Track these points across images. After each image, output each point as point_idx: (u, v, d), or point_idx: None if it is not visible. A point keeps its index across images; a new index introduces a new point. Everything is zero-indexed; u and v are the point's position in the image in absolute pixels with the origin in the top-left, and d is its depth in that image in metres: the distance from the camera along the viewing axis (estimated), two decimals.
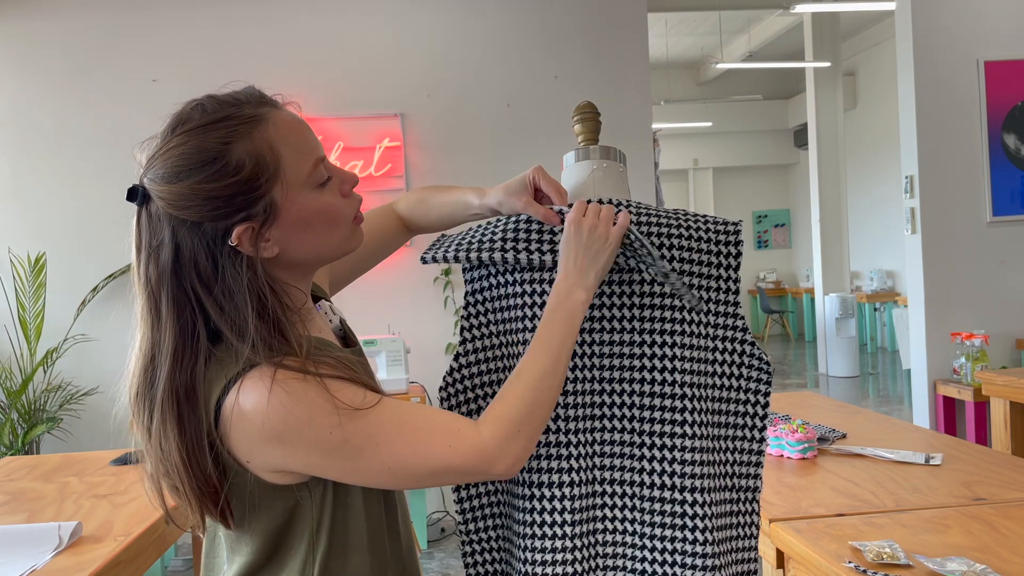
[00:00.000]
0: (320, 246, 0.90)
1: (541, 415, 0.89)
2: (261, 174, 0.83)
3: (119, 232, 4.02)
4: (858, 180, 10.38)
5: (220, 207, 0.82)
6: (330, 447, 0.81)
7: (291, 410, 0.80)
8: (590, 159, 1.07)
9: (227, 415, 0.81)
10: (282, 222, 0.86)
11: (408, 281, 4.13)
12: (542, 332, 0.92)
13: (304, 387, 0.81)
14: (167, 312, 0.84)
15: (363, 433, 0.82)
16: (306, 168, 0.87)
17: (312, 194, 0.87)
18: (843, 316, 7.96)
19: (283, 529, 0.87)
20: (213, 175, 0.82)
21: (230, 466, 0.84)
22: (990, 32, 3.93)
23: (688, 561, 0.96)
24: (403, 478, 0.84)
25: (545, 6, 4.25)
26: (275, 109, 0.88)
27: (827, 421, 2.16)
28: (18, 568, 1.33)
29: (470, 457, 0.84)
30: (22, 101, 3.99)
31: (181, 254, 0.84)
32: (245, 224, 0.83)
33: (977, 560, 1.20)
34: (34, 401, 3.81)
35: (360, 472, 0.83)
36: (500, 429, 0.86)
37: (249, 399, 0.80)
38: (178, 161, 0.82)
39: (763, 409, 1.03)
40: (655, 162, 4.39)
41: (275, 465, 0.83)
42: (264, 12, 4.07)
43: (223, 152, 0.82)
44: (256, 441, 0.81)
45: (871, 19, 9.44)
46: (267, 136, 0.85)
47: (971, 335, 3.63)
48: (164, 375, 0.83)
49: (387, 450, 0.83)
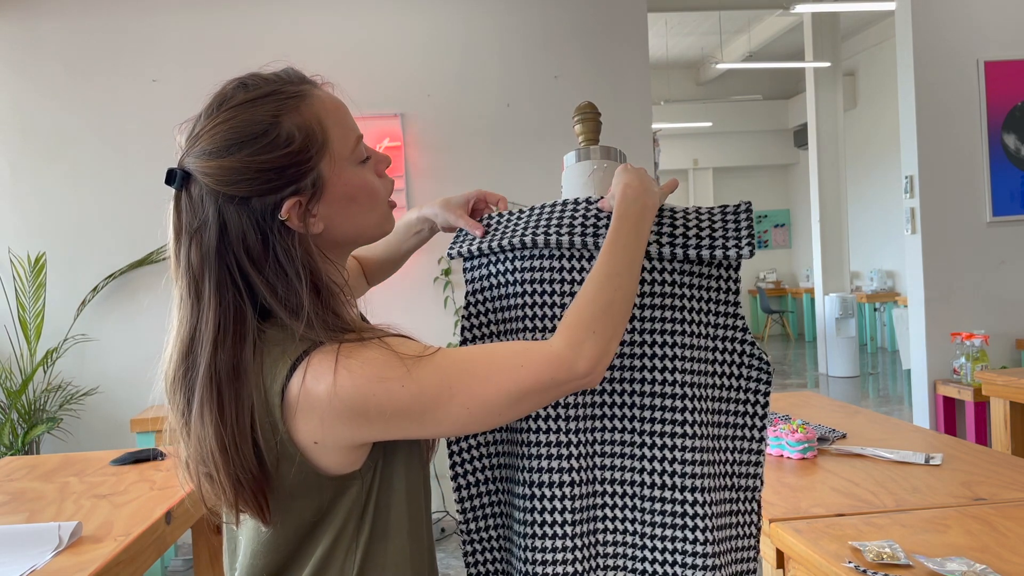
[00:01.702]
0: (361, 223, 0.90)
1: (616, 315, 0.87)
2: (311, 146, 0.84)
3: (119, 232, 4.03)
4: (858, 180, 10.38)
5: (271, 180, 0.82)
6: (405, 402, 0.80)
7: (360, 375, 0.79)
8: (591, 159, 1.07)
9: (293, 399, 0.80)
10: (328, 197, 0.86)
11: (408, 281, 4.13)
12: (612, 235, 0.92)
13: (366, 351, 0.81)
14: (210, 294, 0.82)
15: (434, 379, 0.81)
16: (351, 143, 0.88)
17: (356, 169, 0.89)
18: (843, 316, 7.96)
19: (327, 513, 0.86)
20: (265, 147, 0.82)
21: (284, 454, 0.82)
22: (990, 32, 3.93)
23: (688, 561, 0.96)
24: (485, 415, 0.83)
25: (545, 6, 4.25)
26: (315, 88, 0.89)
27: (827, 421, 2.16)
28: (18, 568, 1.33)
29: (544, 369, 0.82)
30: (22, 101, 3.99)
31: (228, 232, 0.83)
32: (294, 198, 0.84)
33: (977, 560, 1.20)
34: (34, 401, 3.81)
35: (440, 421, 0.82)
36: (571, 334, 0.85)
37: (317, 378, 0.79)
38: (228, 135, 0.82)
39: (763, 409, 1.03)
40: (655, 162, 4.39)
41: (348, 440, 0.82)
42: (264, 12, 4.07)
43: (274, 124, 0.83)
44: (328, 419, 0.80)
45: (871, 19, 9.44)
46: (314, 110, 0.86)
47: (971, 335, 3.63)
48: (205, 359, 0.81)
49: (461, 391, 0.81)
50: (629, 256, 0.91)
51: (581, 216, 1.00)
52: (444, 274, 4.18)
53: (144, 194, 4.04)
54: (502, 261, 1.03)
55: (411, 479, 0.91)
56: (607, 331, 0.86)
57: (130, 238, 4.02)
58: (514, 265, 1.02)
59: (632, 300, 0.90)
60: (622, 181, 0.97)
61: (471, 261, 1.07)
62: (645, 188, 0.96)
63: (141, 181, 4.04)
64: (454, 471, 1.06)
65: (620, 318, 0.88)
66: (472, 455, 1.06)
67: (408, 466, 0.91)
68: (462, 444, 1.05)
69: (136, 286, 4.03)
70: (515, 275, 1.02)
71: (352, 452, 0.84)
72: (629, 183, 0.96)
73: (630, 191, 0.95)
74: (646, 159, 4.28)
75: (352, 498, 0.86)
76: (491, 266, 1.04)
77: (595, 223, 0.99)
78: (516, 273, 1.02)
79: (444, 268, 4.17)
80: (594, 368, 0.85)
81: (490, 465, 1.06)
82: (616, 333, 0.87)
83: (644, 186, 0.96)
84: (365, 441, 0.83)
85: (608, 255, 0.91)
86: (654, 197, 0.96)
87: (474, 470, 1.06)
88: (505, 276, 1.03)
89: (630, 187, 0.95)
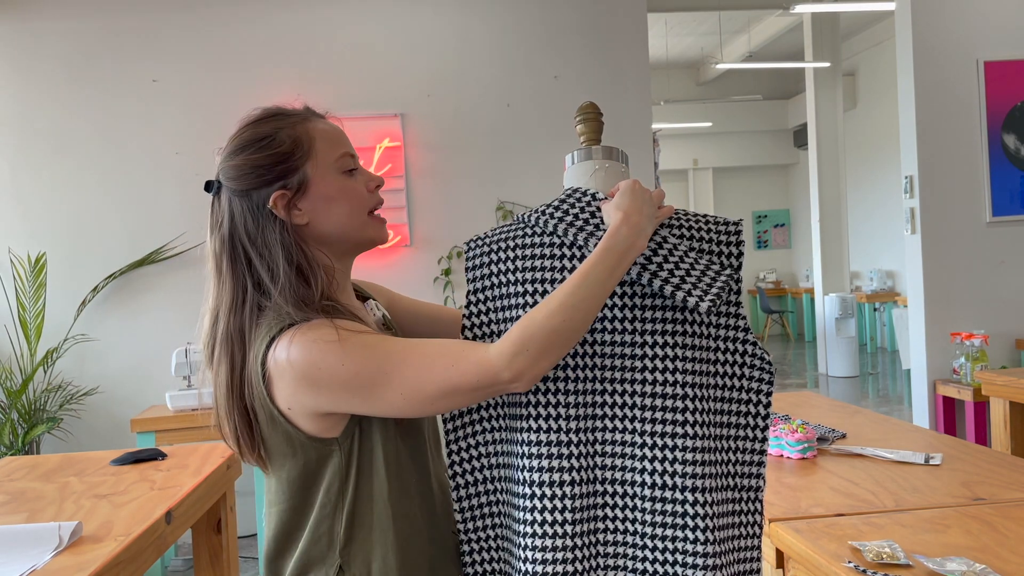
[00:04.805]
0: (343, 223, 1.06)
1: (556, 343, 0.91)
2: (297, 150, 1.04)
3: (119, 232, 4.03)
4: (858, 180, 10.39)
5: (264, 175, 1.03)
6: (345, 379, 0.94)
7: (309, 351, 0.94)
8: (592, 159, 1.07)
9: (269, 368, 0.97)
10: (312, 194, 1.05)
11: (408, 281, 4.13)
12: (590, 265, 0.93)
13: (319, 330, 0.95)
14: (226, 270, 1.03)
15: (371, 363, 0.94)
16: (335, 154, 1.07)
17: (339, 176, 1.07)
18: (843, 316, 7.96)
19: (314, 477, 1.01)
20: (261, 149, 1.03)
21: (270, 415, 0.99)
22: (990, 32, 3.93)
23: (688, 561, 0.96)
24: (417, 403, 0.95)
25: (545, 6, 4.25)
26: (321, 119, 1.10)
27: (827, 421, 2.16)
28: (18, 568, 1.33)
29: (472, 371, 0.92)
30: (22, 101, 3.99)
31: (235, 219, 1.04)
32: (282, 191, 1.03)
33: (977, 560, 1.20)
34: (34, 401, 3.81)
35: (379, 401, 0.95)
36: (507, 346, 0.91)
37: (282, 350, 0.96)
38: (238, 143, 1.05)
39: (765, 409, 1.03)
40: (655, 162, 4.39)
41: (312, 407, 0.97)
42: (264, 12, 4.07)
43: (272, 134, 1.05)
44: (292, 387, 0.96)
45: (871, 19, 9.44)
46: (308, 128, 1.07)
47: (971, 335, 3.63)
48: (223, 321, 1.02)
49: (395, 377, 0.94)
50: (594, 292, 0.92)
51: (578, 209, 1.02)
52: (444, 274, 4.18)
53: (144, 194, 4.04)
54: (503, 261, 1.04)
55: (389, 449, 1.03)
56: (542, 353, 0.91)
57: (130, 238, 4.02)
58: (515, 264, 1.03)
59: (580, 334, 0.93)
60: (624, 209, 0.96)
61: (473, 261, 1.07)
62: (640, 229, 0.95)
63: (141, 181, 4.04)
64: (452, 470, 1.06)
65: (560, 346, 0.92)
66: (470, 454, 1.05)
67: (385, 437, 1.03)
68: (461, 444, 1.05)
69: (136, 286, 4.03)
70: (515, 274, 1.02)
71: (322, 420, 0.99)
72: (629, 216, 0.95)
73: (626, 228, 0.94)
74: (646, 159, 4.28)
75: (336, 464, 1.01)
76: (492, 265, 1.05)
77: (593, 220, 1.00)
78: (517, 272, 1.02)
79: (444, 268, 4.17)
80: (518, 379, 0.92)
81: (488, 465, 1.05)
82: (550, 356, 0.92)
83: (640, 227, 0.95)
84: (326, 410, 0.98)
85: (576, 284, 0.92)
86: (645, 239, 0.95)
87: (472, 470, 1.06)
88: (506, 275, 1.03)
89: (628, 223, 0.95)
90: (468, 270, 1.07)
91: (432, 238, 4.17)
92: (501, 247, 1.04)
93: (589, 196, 1.04)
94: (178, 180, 4.04)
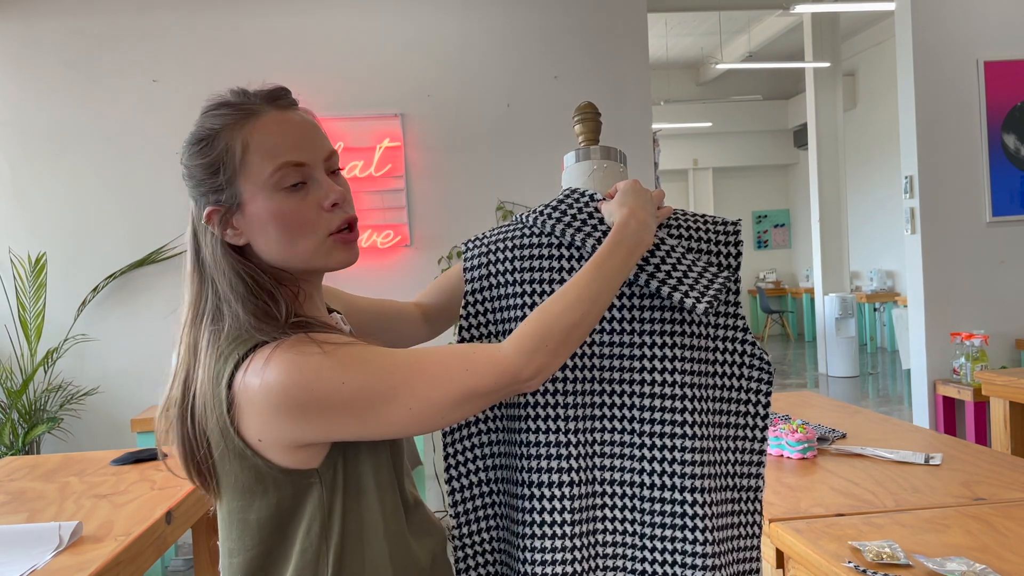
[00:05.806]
0: (285, 251, 0.89)
1: (573, 338, 0.87)
2: (224, 165, 0.88)
3: (119, 232, 4.03)
4: (858, 180, 10.38)
5: (198, 185, 0.90)
6: (342, 401, 0.80)
7: (295, 372, 0.80)
8: (591, 159, 1.07)
9: (237, 395, 0.82)
10: (247, 215, 0.89)
11: (408, 281, 4.13)
12: (601, 258, 0.91)
13: (301, 347, 0.82)
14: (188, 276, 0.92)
15: (376, 379, 0.81)
16: (267, 169, 0.87)
17: (273, 195, 0.88)
18: (843, 316, 7.96)
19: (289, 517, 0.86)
20: (199, 153, 0.89)
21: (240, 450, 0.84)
22: (990, 32, 3.93)
23: (688, 561, 0.96)
24: (428, 417, 0.83)
25: (545, 6, 4.25)
26: (277, 109, 0.90)
27: (827, 421, 2.16)
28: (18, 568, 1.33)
29: (491, 373, 0.83)
30: (22, 101, 3.99)
31: (193, 222, 0.93)
32: (215, 206, 0.89)
33: (977, 560, 1.20)
34: (34, 401, 3.81)
35: (382, 420, 0.82)
36: (524, 343, 0.85)
37: (253, 375, 0.81)
38: (189, 137, 0.91)
39: (764, 409, 1.03)
40: (655, 162, 4.39)
41: (291, 439, 0.82)
42: (264, 13, 4.07)
43: (210, 136, 0.89)
44: (266, 416, 0.81)
45: (871, 19, 9.44)
46: (250, 130, 0.88)
47: (971, 335, 3.63)
48: (185, 328, 0.91)
49: (405, 392, 0.81)
50: (608, 286, 0.90)
51: (576, 210, 1.02)
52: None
53: (144, 194, 4.04)
54: (501, 261, 1.03)
55: (382, 479, 0.89)
56: (560, 349, 0.86)
57: (130, 238, 4.02)
58: (513, 265, 1.02)
59: (592, 327, 0.89)
60: (629, 205, 0.96)
61: (471, 261, 1.07)
62: (646, 225, 0.95)
63: (141, 181, 4.04)
64: (448, 473, 1.04)
65: (575, 341, 0.88)
66: (468, 456, 1.05)
67: (376, 465, 0.89)
68: (457, 447, 1.05)
69: (136, 286, 4.03)
70: (514, 275, 1.02)
71: (300, 450, 0.84)
72: (635, 212, 0.95)
73: (634, 222, 0.94)
74: (646, 159, 4.28)
75: (315, 500, 0.86)
76: (491, 266, 1.04)
77: (591, 221, 1.00)
78: (516, 273, 1.02)
79: (444, 268, 4.17)
80: (536, 376, 0.85)
81: (486, 467, 1.05)
82: (566, 352, 0.87)
83: (646, 223, 0.95)
84: (309, 440, 0.83)
85: (589, 277, 0.89)
86: (651, 234, 0.95)
87: (468, 472, 1.05)
88: (504, 276, 1.03)
89: (636, 217, 0.94)
90: (466, 271, 1.06)
91: (432, 238, 4.17)
92: (499, 247, 1.04)
93: (587, 197, 1.04)
94: (178, 180, 3.99)
